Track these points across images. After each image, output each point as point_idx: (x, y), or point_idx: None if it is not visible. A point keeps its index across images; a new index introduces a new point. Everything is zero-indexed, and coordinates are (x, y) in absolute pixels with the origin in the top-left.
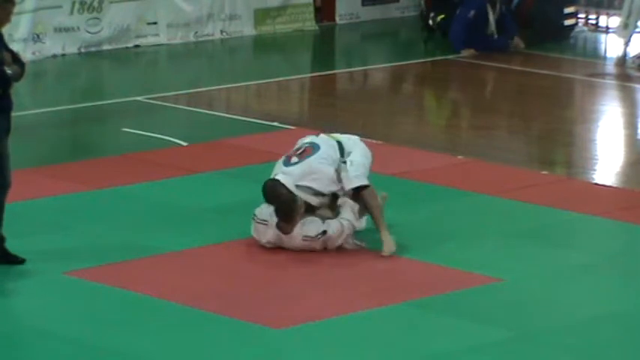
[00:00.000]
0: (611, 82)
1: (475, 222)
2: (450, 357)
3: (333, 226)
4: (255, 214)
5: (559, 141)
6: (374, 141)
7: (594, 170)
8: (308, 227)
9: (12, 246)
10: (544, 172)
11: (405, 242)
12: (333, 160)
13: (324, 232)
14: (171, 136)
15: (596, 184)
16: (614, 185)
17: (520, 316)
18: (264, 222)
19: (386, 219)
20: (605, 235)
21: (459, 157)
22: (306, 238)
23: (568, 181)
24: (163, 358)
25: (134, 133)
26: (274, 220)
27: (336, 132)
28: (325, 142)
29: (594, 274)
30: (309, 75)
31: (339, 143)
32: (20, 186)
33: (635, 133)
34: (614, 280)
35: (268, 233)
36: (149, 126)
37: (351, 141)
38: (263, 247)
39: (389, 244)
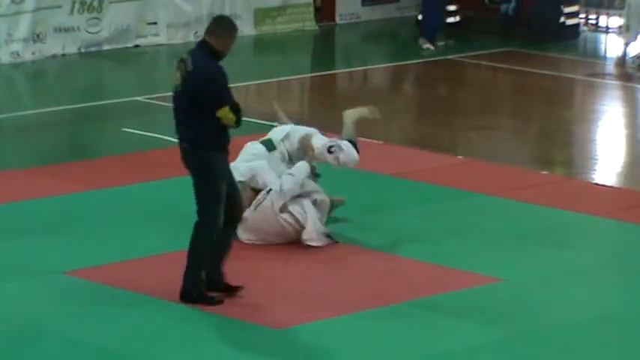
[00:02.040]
0: (611, 82)
1: (475, 222)
2: (450, 357)
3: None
4: None
5: (559, 141)
6: (374, 141)
7: (594, 170)
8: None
9: (12, 246)
10: (544, 172)
11: (405, 242)
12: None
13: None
14: (171, 136)
15: (596, 184)
16: (614, 185)
17: (520, 316)
18: None
19: (387, 219)
20: (605, 235)
21: (459, 157)
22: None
23: (568, 181)
24: (163, 358)
25: (134, 133)
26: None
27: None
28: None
29: (594, 274)
30: (309, 75)
31: (267, 142)
32: (20, 186)
33: (635, 133)
34: (614, 280)
35: (246, 229)
36: (149, 126)
37: (283, 131)
38: (263, 248)
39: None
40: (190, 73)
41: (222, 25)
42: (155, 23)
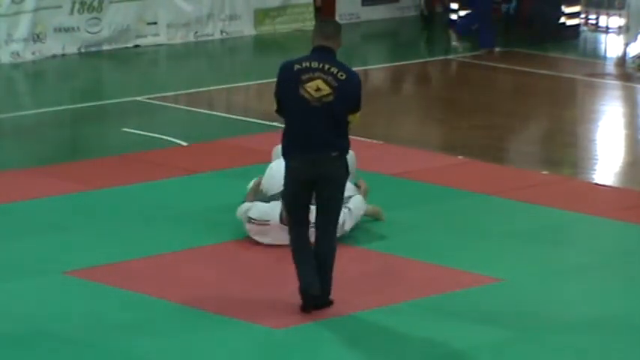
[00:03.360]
0: (611, 82)
1: (475, 222)
2: (450, 357)
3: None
4: (251, 217)
5: (559, 141)
6: (374, 141)
7: (594, 170)
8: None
9: (12, 246)
10: (544, 172)
11: (405, 242)
12: None
13: None
14: (171, 136)
15: (596, 184)
16: (614, 185)
17: (520, 316)
18: (265, 222)
19: (387, 218)
20: (605, 235)
21: (459, 157)
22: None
23: (568, 181)
24: (163, 358)
25: (134, 133)
26: (276, 219)
27: None
28: None
29: (594, 274)
30: None
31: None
32: (20, 186)
33: (635, 133)
34: (613, 280)
35: (270, 233)
36: (149, 126)
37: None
38: (263, 247)
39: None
40: (345, 82)
41: (337, 29)
42: (155, 23)
